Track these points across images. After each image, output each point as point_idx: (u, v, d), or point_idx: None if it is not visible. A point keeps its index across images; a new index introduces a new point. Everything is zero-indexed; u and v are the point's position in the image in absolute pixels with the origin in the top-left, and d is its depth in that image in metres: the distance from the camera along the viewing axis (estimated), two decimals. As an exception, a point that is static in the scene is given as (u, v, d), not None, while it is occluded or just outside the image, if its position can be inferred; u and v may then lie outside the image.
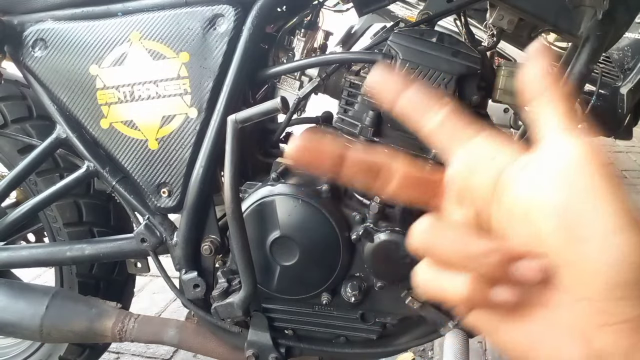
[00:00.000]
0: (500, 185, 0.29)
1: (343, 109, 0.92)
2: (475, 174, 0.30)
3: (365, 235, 0.90)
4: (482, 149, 0.30)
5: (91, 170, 1.01)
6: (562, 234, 0.26)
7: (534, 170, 0.28)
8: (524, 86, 0.29)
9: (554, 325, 0.27)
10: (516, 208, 0.28)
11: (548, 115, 0.28)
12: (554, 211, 0.26)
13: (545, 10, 0.87)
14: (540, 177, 0.27)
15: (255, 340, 1.00)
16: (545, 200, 0.26)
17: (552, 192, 0.26)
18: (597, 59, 0.87)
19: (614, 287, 0.25)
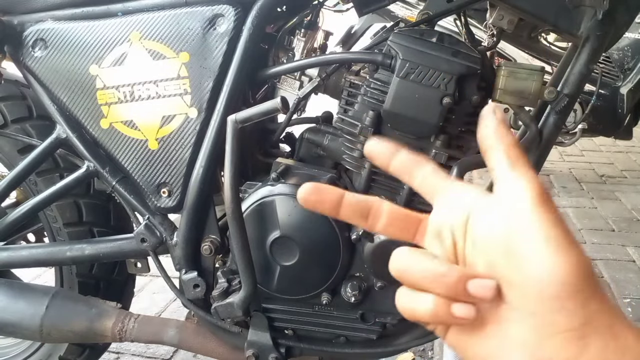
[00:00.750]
0: (469, 222, 0.34)
1: (343, 109, 0.92)
2: (450, 215, 0.36)
3: (365, 235, 0.90)
4: (456, 195, 0.37)
5: (91, 170, 1.01)
6: (508, 259, 0.31)
7: (489, 208, 0.34)
8: (481, 142, 0.35)
9: (506, 340, 0.32)
10: (478, 241, 0.33)
11: (500, 162, 0.34)
12: (502, 240, 0.32)
13: (545, 10, 0.87)
14: (493, 213, 0.33)
15: (255, 340, 1.00)
16: (496, 232, 0.32)
17: (501, 224, 0.32)
18: (597, 59, 0.87)
19: (549, 300, 0.30)
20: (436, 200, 0.38)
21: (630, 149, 3.59)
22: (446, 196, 0.37)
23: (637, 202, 2.77)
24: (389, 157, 0.39)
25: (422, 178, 0.38)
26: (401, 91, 0.82)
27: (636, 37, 2.45)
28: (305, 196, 0.38)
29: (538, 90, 0.85)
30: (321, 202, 0.38)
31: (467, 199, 0.35)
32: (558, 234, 0.30)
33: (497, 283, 0.32)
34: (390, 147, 0.39)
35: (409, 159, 0.39)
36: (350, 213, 0.38)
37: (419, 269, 0.34)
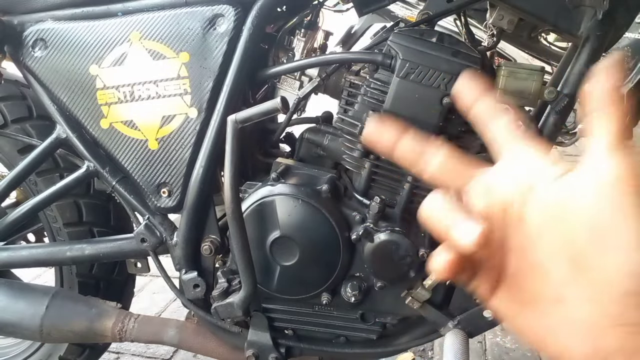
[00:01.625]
0: (535, 190, 0.32)
1: (343, 109, 0.92)
2: (510, 177, 0.34)
3: (365, 235, 0.90)
4: (525, 158, 0.34)
5: (91, 170, 1.01)
6: (591, 243, 0.29)
7: (573, 182, 0.31)
8: (586, 98, 0.31)
9: (567, 321, 0.30)
10: (549, 212, 0.31)
11: (600, 132, 0.31)
12: (587, 221, 0.29)
13: (545, 10, 0.87)
14: (579, 189, 0.30)
15: (255, 340, 1.00)
16: (581, 211, 0.30)
17: (588, 204, 0.29)
18: (597, 59, 0.87)
19: (628, 295, 0.28)
20: (501, 157, 0.35)
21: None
22: (513, 157, 0.34)
23: None
24: (391, 143, 0.37)
25: (436, 167, 0.36)
26: (401, 91, 0.82)
27: (636, 37, 2.45)
28: (368, 132, 0.37)
29: (538, 90, 0.85)
30: (379, 142, 0.37)
31: (538, 165, 0.33)
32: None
33: (485, 229, 0.31)
34: (392, 131, 0.37)
35: (416, 143, 0.36)
36: (403, 157, 0.36)
37: (441, 216, 0.33)
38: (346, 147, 0.91)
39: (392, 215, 0.91)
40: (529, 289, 0.33)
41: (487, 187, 0.34)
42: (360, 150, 0.89)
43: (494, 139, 0.36)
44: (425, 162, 0.36)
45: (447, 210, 0.32)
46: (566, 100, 0.87)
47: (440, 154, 0.36)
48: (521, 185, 0.33)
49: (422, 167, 0.36)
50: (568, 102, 0.87)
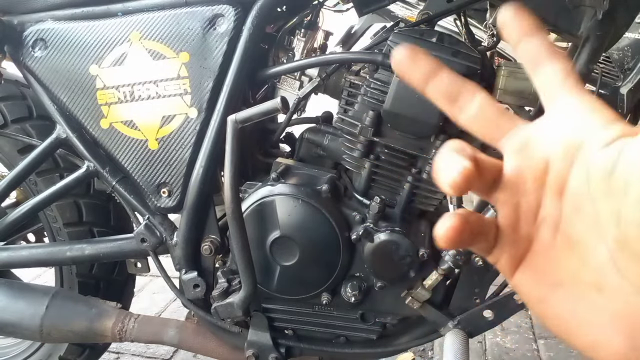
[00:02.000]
0: (584, 150, 0.27)
1: (343, 109, 0.92)
2: (557, 133, 0.28)
3: (365, 235, 0.90)
4: (576, 113, 0.28)
5: (91, 170, 1.01)
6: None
7: (632, 152, 0.25)
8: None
9: (605, 312, 0.26)
10: (596, 184, 0.26)
11: None
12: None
13: (545, 10, 0.87)
14: (638, 161, 0.24)
15: (255, 340, 1.00)
16: (637, 188, 0.23)
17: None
18: (597, 59, 0.87)
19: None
20: (548, 109, 0.30)
21: (630, 149, 3.59)
22: (562, 110, 0.29)
23: None
24: (424, 76, 0.32)
25: (473, 114, 0.32)
26: (401, 91, 0.82)
27: (636, 37, 2.45)
28: (398, 59, 0.32)
29: (538, 90, 0.85)
30: (413, 70, 0.32)
31: (591, 123, 0.28)
32: None
33: (467, 170, 0.27)
34: (427, 62, 0.32)
35: (452, 83, 0.32)
36: (439, 91, 0.32)
37: (444, 160, 0.29)
38: (346, 147, 0.91)
39: (392, 215, 0.91)
40: (564, 270, 0.28)
41: (524, 143, 0.29)
42: (360, 150, 0.89)
43: (542, 86, 0.31)
44: (461, 106, 0.32)
45: (448, 154, 0.28)
46: (566, 100, 0.87)
47: (478, 100, 0.31)
48: (567, 145, 0.27)
49: (456, 111, 0.32)
50: (568, 102, 0.87)
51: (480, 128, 0.32)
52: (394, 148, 0.87)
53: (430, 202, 0.91)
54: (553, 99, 0.30)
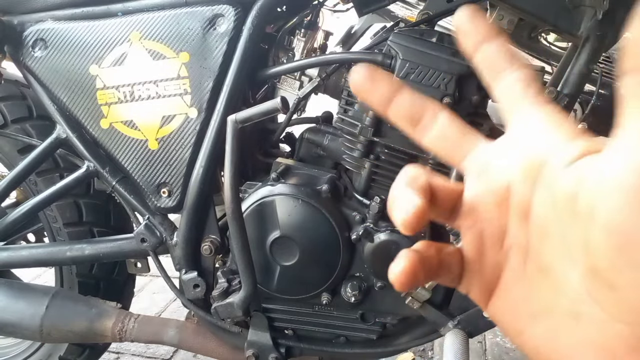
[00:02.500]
0: (540, 175, 0.25)
1: (343, 109, 0.92)
2: (518, 150, 0.26)
3: (365, 235, 0.90)
4: (536, 126, 0.26)
5: (91, 170, 1.01)
6: (618, 256, 0.21)
7: (596, 174, 0.22)
8: (633, 46, 0.20)
9: (582, 342, 0.25)
10: (560, 207, 0.24)
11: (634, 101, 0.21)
12: (611, 226, 0.21)
13: (545, 10, 0.87)
14: (603, 182, 0.22)
15: (255, 340, 1.00)
16: (604, 212, 0.21)
17: (614, 204, 0.21)
18: (597, 59, 0.87)
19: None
20: (508, 125, 0.28)
21: (630, 149, 3.59)
22: (522, 125, 0.27)
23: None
24: (385, 99, 0.30)
25: (436, 134, 0.30)
26: (401, 91, 0.82)
27: (636, 37, 2.44)
28: (357, 80, 0.30)
29: (538, 90, 0.85)
30: (373, 92, 0.30)
31: (553, 140, 0.25)
32: None
33: (420, 207, 0.25)
34: (387, 84, 0.30)
35: (414, 103, 0.30)
36: (400, 113, 0.30)
37: (397, 191, 0.27)
38: (346, 147, 0.91)
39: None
40: (538, 299, 0.26)
41: (485, 165, 0.28)
42: (360, 150, 0.89)
43: (501, 97, 0.28)
44: (423, 128, 0.30)
45: (401, 187, 0.26)
46: (566, 100, 0.87)
47: (440, 120, 0.30)
48: (528, 165, 0.25)
49: (419, 133, 0.30)
50: (568, 102, 0.87)
51: (442, 149, 0.30)
52: (394, 148, 0.87)
53: (430, 202, 0.91)
54: (513, 112, 0.28)
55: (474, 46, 0.29)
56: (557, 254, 0.24)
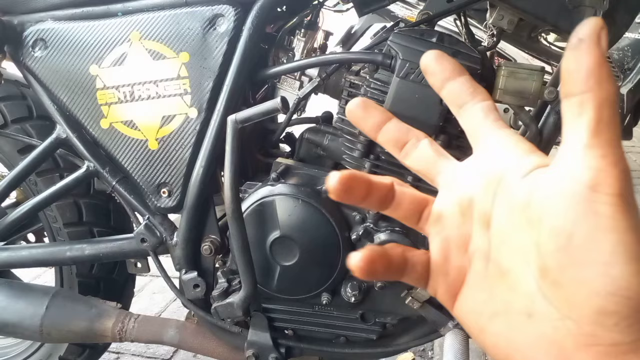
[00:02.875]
0: (498, 188, 0.29)
1: (343, 109, 0.92)
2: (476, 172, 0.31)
3: (365, 235, 0.90)
4: (495, 148, 0.31)
5: (91, 170, 1.01)
6: (562, 256, 0.25)
7: (544, 181, 0.27)
8: (565, 75, 0.25)
9: (537, 339, 0.27)
10: (516, 216, 0.28)
11: (577, 123, 0.25)
12: (557, 230, 0.25)
13: (545, 10, 0.87)
14: (549, 191, 0.26)
15: (255, 340, 1.00)
16: (550, 218, 0.26)
17: (559, 211, 0.25)
18: (597, 59, 0.87)
19: (604, 315, 0.25)
20: (474, 147, 0.33)
21: (631, 149, 3.60)
22: (485, 147, 0.32)
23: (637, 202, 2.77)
24: (375, 127, 0.36)
25: (417, 156, 0.35)
26: (401, 91, 0.82)
27: (636, 37, 2.45)
28: (352, 110, 0.35)
29: (538, 90, 0.85)
30: (365, 120, 0.36)
31: (509, 157, 0.30)
32: (635, 246, 0.24)
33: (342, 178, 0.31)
34: (377, 114, 0.36)
35: (400, 131, 0.36)
36: (388, 139, 0.36)
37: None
38: (346, 147, 0.91)
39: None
40: (498, 299, 0.30)
41: (452, 180, 0.32)
42: (360, 150, 0.89)
43: (466, 126, 0.33)
44: (406, 150, 0.35)
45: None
46: (566, 100, 0.87)
47: (421, 145, 0.35)
48: (488, 179, 0.30)
49: (403, 155, 0.35)
50: (568, 102, 0.87)
51: (420, 169, 0.35)
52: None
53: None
54: (476, 137, 0.32)
55: (441, 83, 0.34)
56: (515, 258, 0.28)
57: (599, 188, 0.24)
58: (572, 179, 0.25)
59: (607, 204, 0.24)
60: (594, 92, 0.24)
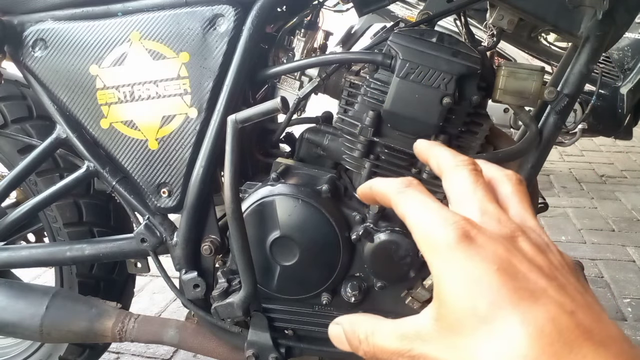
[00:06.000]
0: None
1: (343, 109, 0.92)
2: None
3: (365, 235, 0.90)
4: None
5: (91, 170, 1.01)
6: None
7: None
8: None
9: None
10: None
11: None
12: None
13: (545, 10, 0.87)
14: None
15: (255, 340, 1.00)
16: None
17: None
18: (597, 59, 0.87)
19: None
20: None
21: (630, 149, 3.60)
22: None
23: (637, 202, 2.77)
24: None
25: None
26: (401, 91, 0.82)
27: (636, 37, 2.45)
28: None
29: (538, 90, 0.85)
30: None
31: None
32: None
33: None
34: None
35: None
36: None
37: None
38: (346, 147, 0.91)
39: (392, 215, 0.91)
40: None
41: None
42: (360, 151, 0.89)
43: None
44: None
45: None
46: (566, 100, 0.87)
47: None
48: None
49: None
50: (568, 102, 0.87)
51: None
52: (394, 148, 0.87)
53: (430, 202, 0.91)
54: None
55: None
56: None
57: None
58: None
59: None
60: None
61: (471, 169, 0.34)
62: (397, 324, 0.34)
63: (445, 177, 0.35)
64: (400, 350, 0.33)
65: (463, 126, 0.86)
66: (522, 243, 0.30)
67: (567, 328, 0.26)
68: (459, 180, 0.34)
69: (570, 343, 0.25)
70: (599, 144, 3.67)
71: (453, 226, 0.29)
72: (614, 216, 2.60)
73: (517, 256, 0.29)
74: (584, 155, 3.49)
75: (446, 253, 0.29)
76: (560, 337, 0.25)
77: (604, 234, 2.42)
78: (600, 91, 2.27)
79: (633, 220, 2.57)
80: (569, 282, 0.29)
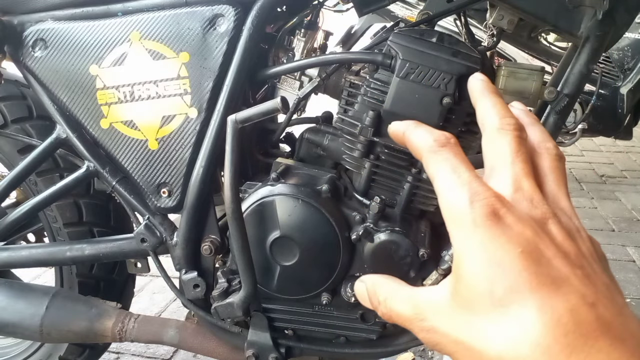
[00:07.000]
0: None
1: (343, 109, 0.92)
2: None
3: (365, 235, 0.90)
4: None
5: (91, 170, 1.01)
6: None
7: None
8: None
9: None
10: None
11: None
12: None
13: (545, 10, 0.87)
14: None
15: (255, 340, 1.00)
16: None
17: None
18: (597, 59, 0.87)
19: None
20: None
21: (630, 149, 3.60)
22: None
23: (637, 202, 2.77)
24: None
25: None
26: (401, 91, 0.82)
27: (636, 37, 2.45)
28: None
29: (538, 90, 0.85)
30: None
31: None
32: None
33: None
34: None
35: None
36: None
37: None
38: (346, 147, 0.91)
39: (392, 215, 0.91)
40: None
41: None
42: (360, 150, 0.89)
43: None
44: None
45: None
46: (566, 100, 0.87)
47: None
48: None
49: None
50: (568, 102, 0.87)
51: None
52: (394, 148, 0.87)
53: (430, 202, 0.91)
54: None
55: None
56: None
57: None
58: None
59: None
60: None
61: (515, 136, 0.32)
62: (415, 292, 0.34)
63: (486, 137, 0.33)
64: (413, 319, 0.32)
65: (463, 126, 0.86)
66: (551, 227, 0.29)
67: (585, 320, 0.25)
68: (500, 146, 0.32)
69: (586, 335, 0.25)
70: (599, 144, 3.67)
71: (482, 202, 0.28)
72: (614, 216, 2.60)
73: (544, 240, 0.28)
74: (584, 155, 3.49)
75: (470, 229, 0.28)
76: (577, 328, 0.25)
77: (604, 234, 2.42)
78: (600, 91, 2.28)
79: (633, 220, 2.57)
80: (594, 271, 0.28)
